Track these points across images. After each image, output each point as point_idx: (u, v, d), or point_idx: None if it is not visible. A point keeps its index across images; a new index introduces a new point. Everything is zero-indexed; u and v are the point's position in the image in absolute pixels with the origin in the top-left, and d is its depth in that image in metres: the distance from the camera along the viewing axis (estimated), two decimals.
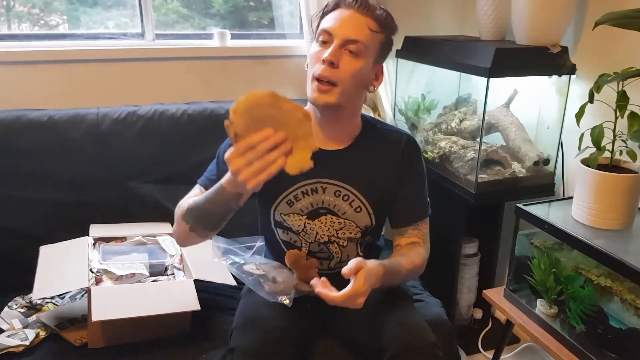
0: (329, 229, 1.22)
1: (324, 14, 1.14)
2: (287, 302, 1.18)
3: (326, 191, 1.18)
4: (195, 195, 1.15)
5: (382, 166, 1.19)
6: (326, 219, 1.21)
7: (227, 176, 0.99)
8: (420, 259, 1.18)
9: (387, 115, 1.95)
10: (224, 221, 1.08)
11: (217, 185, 1.02)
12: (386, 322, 1.11)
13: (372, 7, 1.11)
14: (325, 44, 1.09)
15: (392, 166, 1.20)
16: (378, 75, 1.17)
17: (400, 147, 1.20)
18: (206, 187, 1.13)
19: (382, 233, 1.37)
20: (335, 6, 1.12)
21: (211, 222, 1.07)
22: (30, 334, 1.26)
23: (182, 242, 1.18)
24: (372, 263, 1.04)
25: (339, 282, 1.25)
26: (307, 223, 1.21)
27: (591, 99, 1.25)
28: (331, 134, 1.18)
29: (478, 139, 1.67)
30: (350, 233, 1.23)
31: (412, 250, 1.20)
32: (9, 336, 1.25)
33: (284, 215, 1.22)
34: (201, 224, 1.08)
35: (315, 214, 1.20)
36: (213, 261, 1.38)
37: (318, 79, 1.08)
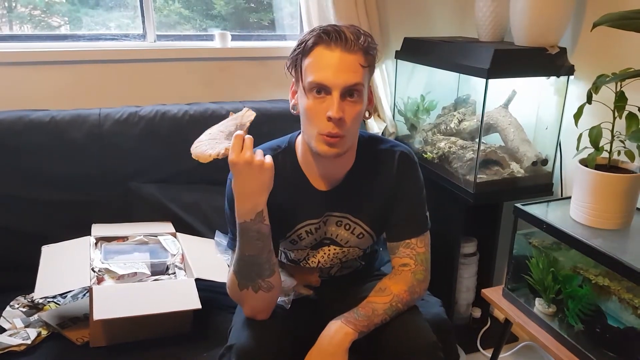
0: (332, 259, 1.22)
1: (303, 53, 1.02)
2: (286, 302, 1.19)
3: (328, 222, 1.18)
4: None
5: (379, 188, 1.16)
6: (329, 249, 1.21)
7: (237, 210, 1.00)
8: (405, 286, 1.12)
9: (387, 116, 1.96)
10: (270, 252, 1.04)
11: (238, 228, 1.01)
12: (387, 323, 1.11)
13: (355, 40, 0.99)
14: (320, 94, 1.00)
15: (389, 184, 1.15)
16: (370, 99, 1.10)
17: (394, 164, 1.15)
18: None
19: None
20: (315, 44, 1.00)
21: (261, 264, 1.03)
22: (32, 333, 1.27)
23: (263, 312, 1.09)
24: (335, 335, 1.05)
25: (339, 285, 1.27)
26: (310, 252, 1.22)
27: (589, 100, 1.25)
28: (329, 170, 1.13)
29: (477, 140, 1.68)
30: (354, 256, 1.24)
31: (394, 278, 1.15)
32: (10, 335, 1.26)
33: (287, 250, 1.23)
34: (258, 275, 1.04)
35: (318, 244, 1.21)
36: (215, 256, 1.39)
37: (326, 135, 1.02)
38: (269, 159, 0.99)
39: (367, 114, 1.11)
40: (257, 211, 0.99)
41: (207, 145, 1.01)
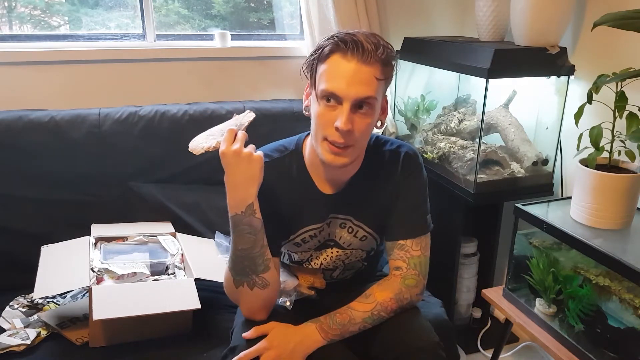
0: (335, 261, 1.22)
1: (319, 59, 1.01)
2: (288, 304, 1.19)
3: (331, 224, 1.17)
4: None
5: (383, 190, 1.15)
6: (332, 251, 1.21)
7: (229, 202, 1.01)
8: (391, 294, 1.10)
9: (387, 116, 1.95)
10: (263, 247, 1.04)
11: (230, 221, 1.02)
12: (389, 323, 1.11)
13: (373, 51, 0.97)
14: (330, 103, 0.99)
15: (392, 186, 1.15)
16: (385, 109, 1.09)
17: (398, 165, 1.14)
18: None
19: None
20: (332, 52, 0.98)
21: (254, 259, 1.04)
22: (32, 333, 1.27)
23: (260, 311, 1.09)
24: (305, 326, 1.08)
25: (341, 286, 1.26)
26: (313, 254, 1.22)
27: (590, 100, 1.25)
28: (335, 174, 1.12)
29: (477, 140, 1.68)
30: (356, 258, 1.23)
31: (383, 284, 1.13)
32: (10, 335, 1.26)
33: (291, 252, 1.22)
34: (252, 271, 1.04)
35: (322, 246, 1.20)
36: (215, 256, 1.39)
37: (332, 143, 1.01)
38: (258, 152, 1.00)
39: (379, 123, 1.10)
40: (248, 203, 1.00)
41: (202, 140, 1.03)
